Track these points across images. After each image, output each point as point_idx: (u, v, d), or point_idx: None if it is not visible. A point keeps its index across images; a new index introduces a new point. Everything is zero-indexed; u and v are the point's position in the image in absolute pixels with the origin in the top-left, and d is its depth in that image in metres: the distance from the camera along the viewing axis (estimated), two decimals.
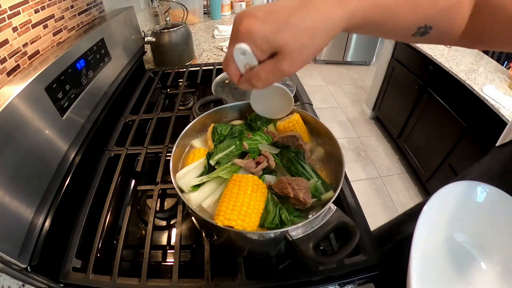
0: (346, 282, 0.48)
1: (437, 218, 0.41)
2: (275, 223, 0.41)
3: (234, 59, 0.31)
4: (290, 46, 0.28)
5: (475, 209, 0.43)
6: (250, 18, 0.29)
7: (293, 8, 0.28)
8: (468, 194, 0.43)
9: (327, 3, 0.28)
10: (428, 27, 0.34)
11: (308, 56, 0.30)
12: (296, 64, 0.30)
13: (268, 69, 0.31)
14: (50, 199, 0.51)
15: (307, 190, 0.42)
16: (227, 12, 1.97)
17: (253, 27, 0.28)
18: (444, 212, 0.43)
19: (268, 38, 0.28)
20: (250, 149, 0.49)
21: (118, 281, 0.46)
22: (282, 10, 0.28)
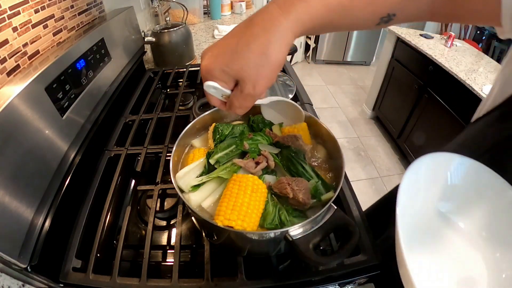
0: (346, 282, 0.48)
1: (417, 188, 0.41)
2: (274, 224, 0.41)
3: (210, 94, 0.35)
4: (245, 71, 0.30)
5: (452, 180, 0.43)
6: (206, 58, 0.32)
7: (239, 35, 0.30)
8: (445, 165, 0.43)
9: (268, 18, 0.29)
10: (392, 15, 0.35)
11: (269, 72, 0.31)
12: (259, 84, 0.31)
13: (237, 96, 0.33)
14: (50, 199, 0.51)
15: (306, 191, 0.42)
16: (227, 12, 1.97)
17: (209, 64, 0.32)
18: (423, 183, 0.42)
19: (223, 70, 0.31)
20: (250, 148, 0.49)
21: (118, 281, 0.46)
22: (230, 40, 0.31)
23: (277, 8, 0.30)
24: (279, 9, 0.30)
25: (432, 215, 0.44)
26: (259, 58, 0.29)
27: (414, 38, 1.94)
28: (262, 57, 0.29)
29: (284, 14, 0.29)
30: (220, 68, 0.31)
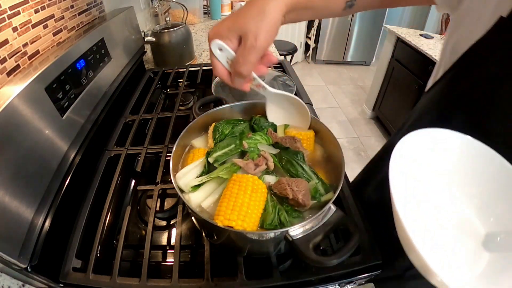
0: (346, 282, 0.48)
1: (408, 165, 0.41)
2: (274, 225, 0.41)
3: (216, 58, 0.40)
4: (247, 24, 0.36)
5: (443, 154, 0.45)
6: (214, 26, 0.40)
7: (241, 8, 0.38)
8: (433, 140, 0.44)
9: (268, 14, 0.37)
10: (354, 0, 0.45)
11: (267, 27, 0.37)
12: (260, 35, 0.36)
13: (242, 51, 0.37)
14: (50, 199, 0.51)
15: (306, 192, 0.42)
16: (227, 12, 1.97)
17: (216, 27, 0.39)
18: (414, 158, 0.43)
19: (229, 27, 0.38)
20: (249, 148, 0.49)
21: (118, 281, 0.46)
22: (234, 13, 0.39)
23: None
24: None
25: (423, 185, 0.44)
26: (258, 15, 0.36)
27: (414, 38, 1.94)
28: (260, 14, 0.36)
29: None
30: (226, 26, 0.38)
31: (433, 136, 0.43)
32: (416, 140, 0.42)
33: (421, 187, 0.43)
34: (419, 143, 0.42)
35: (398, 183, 0.35)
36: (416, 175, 0.43)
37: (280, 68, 1.06)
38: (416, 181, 0.43)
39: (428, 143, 0.43)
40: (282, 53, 2.54)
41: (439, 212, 0.42)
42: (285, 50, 2.55)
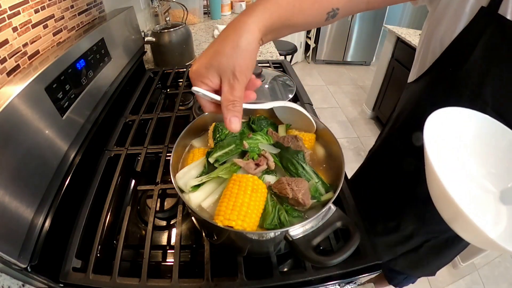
0: (346, 282, 0.48)
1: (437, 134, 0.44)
2: (273, 224, 0.41)
3: (201, 100, 0.39)
4: (223, 63, 0.35)
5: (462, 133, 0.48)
6: (192, 65, 0.38)
7: (216, 41, 0.37)
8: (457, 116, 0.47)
9: (237, 22, 0.36)
10: (336, 9, 0.43)
11: (243, 61, 0.35)
12: (237, 71, 0.35)
13: (225, 90, 0.36)
14: (50, 199, 0.51)
15: (306, 191, 0.42)
16: (227, 12, 1.97)
17: (195, 66, 0.37)
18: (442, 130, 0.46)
19: (206, 66, 0.36)
20: (250, 148, 0.49)
21: (118, 281, 0.46)
22: (210, 46, 0.37)
23: (242, 14, 0.37)
24: (243, 14, 0.37)
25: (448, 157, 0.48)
26: (233, 51, 0.35)
27: (414, 38, 1.94)
28: (236, 50, 0.35)
29: (248, 15, 0.36)
30: (203, 65, 0.36)
31: (456, 113, 0.46)
32: (443, 115, 0.45)
33: (446, 158, 0.47)
34: (446, 119, 0.45)
35: (432, 150, 0.38)
36: (443, 147, 0.46)
37: (280, 68, 1.06)
38: (444, 152, 0.46)
39: (452, 120, 0.46)
40: (282, 53, 2.53)
41: (462, 180, 0.46)
42: (285, 50, 2.55)
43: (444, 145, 0.46)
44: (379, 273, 0.48)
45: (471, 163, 0.47)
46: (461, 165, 0.47)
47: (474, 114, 0.46)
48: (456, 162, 0.47)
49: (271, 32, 0.39)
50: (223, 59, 0.35)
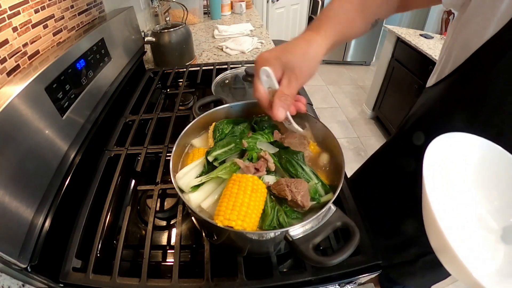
0: (346, 282, 0.48)
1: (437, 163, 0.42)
2: (272, 226, 0.40)
3: (261, 81, 0.43)
4: (292, 62, 0.42)
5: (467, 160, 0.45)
6: (263, 52, 0.44)
7: (288, 43, 0.44)
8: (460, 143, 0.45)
9: (307, 35, 0.45)
10: (378, 19, 0.54)
11: (308, 67, 0.43)
12: (302, 72, 0.42)
13: (283, 85, 0.42)
14: (50, 199, 0.51)
15: (305, 193, 0.42)
16: (227, 12, 1.97)
17: (266, 54, 0.44)
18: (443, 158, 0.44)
19: (277, 57, 0.42)
20: (249, 146, 0.49)
21: (118, 281, 0.46)
22: (282, 45, 0.44)
23: (310, 30, 0.46)
24: (312, 30, 0.46)
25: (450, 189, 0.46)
26: (303, 56, 0.42)
27: (414, 38, 1.94)
28: (305, 55, 0.42)
29: (317, 32, 0.45)
30: (274, 56, 0.42)
31: (459, 139, 0.44)
32: (446, 141, 0.43)
33: (446, 186, 0.44)
34: (448, 145, 0.43)
35: (430, 178, 0.37)
36: (444, 175, 0.44)
37: None
38: (444, 180, 0.44)
39: (455, 146, 0.44)
40: None
41: (460, 211, 0.43)
42: None
43: (445, 172, 0.44)
44: (378, 273, 0.48)
45: (473, 193, 0.44)
46: (462, 194, 0.44)
47: (479, 140, 0.43)
48: (456, 191, 0.44)
49: (332, 46, 0.47)
50: (292, 58, 0.42)
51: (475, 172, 0.45)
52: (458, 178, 0.45)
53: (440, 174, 0.43)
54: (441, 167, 0.43)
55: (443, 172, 0.43)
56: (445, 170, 0.44)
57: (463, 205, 0.44)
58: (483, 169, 0.44)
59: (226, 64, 1.07)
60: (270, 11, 2.84)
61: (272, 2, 2.80)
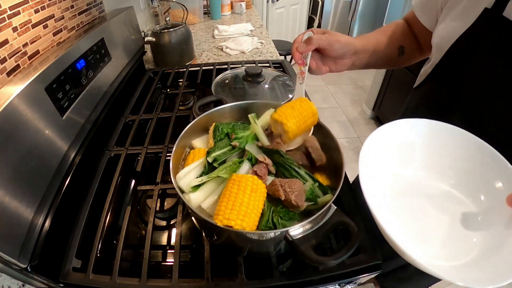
0: (346, 282, 0.48)
1: (377, 158, 0.43)
2: (268, 226, 0.40)
3: (304, 35, 0.52)
4: (332, 33, 0.53)
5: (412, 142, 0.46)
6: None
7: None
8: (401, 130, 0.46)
9: (346, 37, 0.55)
10: (402, 46, 0.61)
11: (339, 51, 0.53)
12: (333, 43, 0.52)
13: (319, 34, 0.52)
14: (50, 199, 0.51)
15: (300, 193, 0.41)
16: (227, 12, 1.97)
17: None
18: (383, 152, 0.45)
19: (325, 32, 0.53)
20: (241, 143, 0.50)
21: (118, 281, 0.46)
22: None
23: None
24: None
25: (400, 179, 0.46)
26: (339, 36, 0.54)
27: None
28: (340, 36, 0.54)
29: (354, 39, 0.57)
30: (322, 32, 0.53)
31: (400, 127, 0.45)
32: (383, 134, 0.43)
33: (395, 178, 0.45)
34: (388, 137, 0.44)
35: (369, 183, 0.37)
36: (389, 168, 0.44)
37: (280, 68, 1.06)
38: (390, 174, 0.45)
39: (398, 135, 0.45)
40: (282, 53, 2.53)
41: (418, 199, 0.43)
42: (285, 50, 2.55)
43: (392, 163, 0.44)
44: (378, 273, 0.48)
45: (429, 177, 0.44)
46: (416, 182, 0.44)
47: (422, 122, 0.44)
48: (410, 182, 0.44)
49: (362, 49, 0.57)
50: (335, 43, 0.52)
51: (424, 154, 0.45)
52: (407, 166, 0.45)
53: (385, 169, 0.43)
54: (383, 161, 0.43)
55: (388, 165, 0.44)
56: (390, 163, 0.44)
57: (419, 191, 0.44)
58: (432, 149, 0.44)
59: (226, 64, 1.07)
60: (270, 11, 2.84)
61: (272, 2, 2.80)
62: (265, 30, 1.67)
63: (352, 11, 3.09)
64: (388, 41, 0.60)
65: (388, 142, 0.44)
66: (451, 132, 0.43)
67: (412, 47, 0.63)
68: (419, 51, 0.64)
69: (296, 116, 0.48)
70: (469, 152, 0.42)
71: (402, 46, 0.61)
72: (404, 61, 0.64)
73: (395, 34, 0.61)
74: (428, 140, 0.45)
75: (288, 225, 0.39)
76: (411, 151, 0.46)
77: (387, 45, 0.60)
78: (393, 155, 0.45)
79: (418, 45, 0.63)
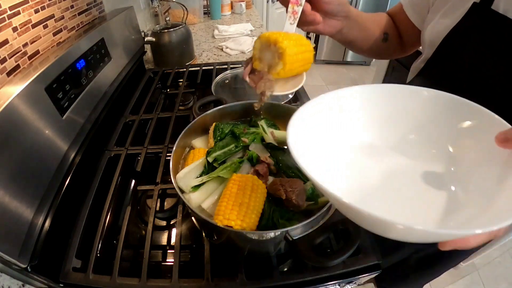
0: (346, 282, 0.48)
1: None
2: (268, 226, 0.41)
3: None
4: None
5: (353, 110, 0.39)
6: None
7: None
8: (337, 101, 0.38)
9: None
10: (386, 33, 0.61)
11: (333, 6, 0.47)
12: (327, 6, 0.46)
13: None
14: (50, 199, 0.51)
15: (301, 192, 0.41)
16: (227, 12, 1.97)
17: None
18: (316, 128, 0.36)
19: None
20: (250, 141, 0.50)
21: (118, 281, 0.46)
22: None
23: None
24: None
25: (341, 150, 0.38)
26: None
27: None
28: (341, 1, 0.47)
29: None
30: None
31: (322, 102, 0.36)
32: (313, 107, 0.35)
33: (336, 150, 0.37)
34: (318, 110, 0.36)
35: (297, 145, 0.29)
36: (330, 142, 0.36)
37: None
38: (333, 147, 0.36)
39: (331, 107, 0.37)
40: None
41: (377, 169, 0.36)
42: None
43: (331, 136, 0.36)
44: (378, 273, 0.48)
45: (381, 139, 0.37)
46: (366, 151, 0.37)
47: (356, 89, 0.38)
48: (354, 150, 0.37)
49: (350, 18, 0.51)
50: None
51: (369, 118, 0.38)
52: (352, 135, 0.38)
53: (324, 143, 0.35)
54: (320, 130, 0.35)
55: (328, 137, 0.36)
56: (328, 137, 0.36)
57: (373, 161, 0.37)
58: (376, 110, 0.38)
59: (226, 64, 1.07)
60: (270, 11, 2.84)
61: (272, 2, 2.80)
62: (265, 30, 1.67)
63: None
64: (375, 24, 0.61)
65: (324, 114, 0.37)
66: (390, 90, 0.38)
67: (395, 38, 0.63)
68: (400, 45, 0.65)
69: (292, 39, 0.40)
70: (418, 105, 0.37)
71: (386, 33, 0.61)
72: (385, 50, 0.64)
73: (382, 21, 0.62)
74: (368, 105, 0.38)
75: (288, 225, 0.39)
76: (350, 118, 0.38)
77: (375, 27, 0.60)
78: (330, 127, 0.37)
79: (400, 40, 0.64)
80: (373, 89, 0.40)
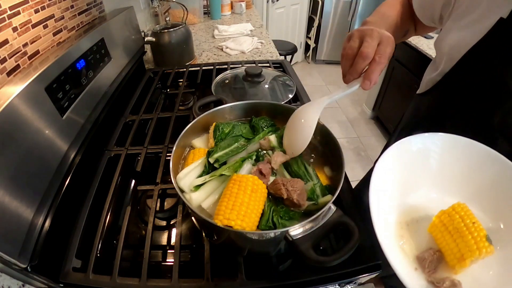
0: (346, 282, 0.48)
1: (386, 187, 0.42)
2: (268, 226, 0.41)
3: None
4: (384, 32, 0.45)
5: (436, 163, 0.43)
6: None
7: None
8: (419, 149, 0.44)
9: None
10: (407, 30, 0.64)
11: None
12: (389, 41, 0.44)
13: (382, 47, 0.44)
14: (50, 199, 0.51)
15: (301, 192, 0.42)
16: (227, 12, 1.97)
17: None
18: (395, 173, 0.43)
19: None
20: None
21: (118, 281, 0.46)
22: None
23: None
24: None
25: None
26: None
27: (414, 38, 1.93)
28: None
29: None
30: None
31: (418, 142, 0.43)
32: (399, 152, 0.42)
33: (410, 199, 0.43)
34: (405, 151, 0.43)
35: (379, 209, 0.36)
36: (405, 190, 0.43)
37: (280, 68, 1.06)
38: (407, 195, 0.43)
39: (416, 152, 0.43)
40: (282, 53, 2.54)
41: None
42: (285, 50, 2.55)
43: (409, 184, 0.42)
44: (378, 273, 0.48)
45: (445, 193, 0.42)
46: (436, 202, 0.42)
47: (446, 137, 0.42)
48: (425, 199, 0.42)
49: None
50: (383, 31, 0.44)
51: (442, 171, 0.43)
52: (424, 183, 0.43)
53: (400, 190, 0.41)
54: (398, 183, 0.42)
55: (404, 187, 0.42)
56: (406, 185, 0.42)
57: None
58: (451, 167, 0.42)
59: (226, 64, 1.07)
60: (270, 11, 2.84)
61: (272, 2, 2.80)
62: (265, 30, 1.67)
63: (352, 11, 3.08)
64: (399, 25, 0.60)
65: (401, 162, 0.43)
66: (468, 146, 0.41)
67: (412, 31, 0.65)
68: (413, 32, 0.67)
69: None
70: (487, 168, 0.40)
71: (407, 30, 0.63)
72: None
73: (404, 16, 0.61)
74: (444, 155, 0.43)
75: (288, 225, 0.39)
76: (424, 168, 0.43)
77: (399, 29, 0.60)
78: (405, 175, 0.43)
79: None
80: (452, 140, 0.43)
